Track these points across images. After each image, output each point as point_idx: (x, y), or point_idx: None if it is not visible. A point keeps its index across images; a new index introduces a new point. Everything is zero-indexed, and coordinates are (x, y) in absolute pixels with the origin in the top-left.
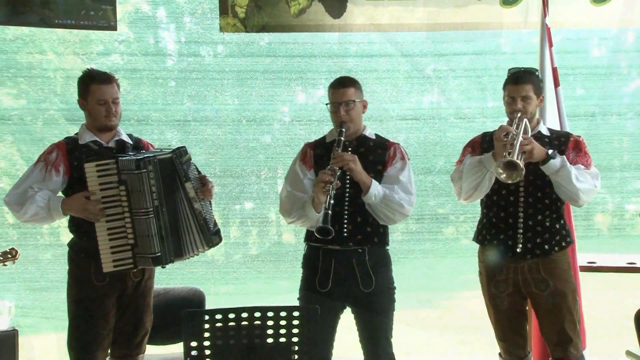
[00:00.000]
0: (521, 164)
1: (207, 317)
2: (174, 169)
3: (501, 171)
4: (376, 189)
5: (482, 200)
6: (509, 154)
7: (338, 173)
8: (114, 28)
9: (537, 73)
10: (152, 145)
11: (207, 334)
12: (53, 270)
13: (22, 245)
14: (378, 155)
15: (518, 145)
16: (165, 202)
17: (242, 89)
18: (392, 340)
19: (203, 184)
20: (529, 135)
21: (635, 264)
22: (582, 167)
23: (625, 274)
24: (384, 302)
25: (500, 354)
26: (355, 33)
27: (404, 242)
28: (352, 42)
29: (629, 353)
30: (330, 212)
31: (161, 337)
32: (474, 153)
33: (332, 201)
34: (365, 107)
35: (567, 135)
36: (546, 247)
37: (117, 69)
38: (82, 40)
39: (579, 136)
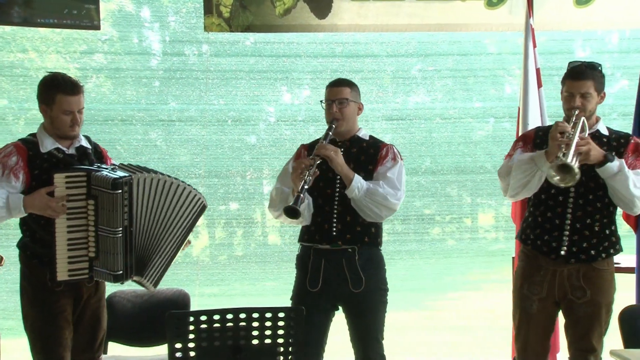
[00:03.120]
0: (576, 168)
1: (191, 319)
2: (197, 217)
3: (554, 173)
4: (359, 182)
5: (529, 197)
6: (564, 155)
7: (318, 162)
8: (97, 27)
9: (599, 68)
10: (106, 154)
11: (191, 336)
12: None
13: (4, 246)
14: (370, 155)
15: (574, 146)
16: (142, 221)
17: (227, 89)
18: (384, 341)
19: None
20: (586, 135)
21: (620, 264)
22: None
23: None
24: (374, 302)
25: None
26: (341, 33)
27: (390, 243)
28: (337, 42)
29: (613, 352)
30: (302, 195)
31: (145, 339)
32: (525, 148)
33: (306, 186)
34: (360, 109)
35: (628, 136)
36: (592, 252)
37: (100, 68)
38: (65, 39)
39: None
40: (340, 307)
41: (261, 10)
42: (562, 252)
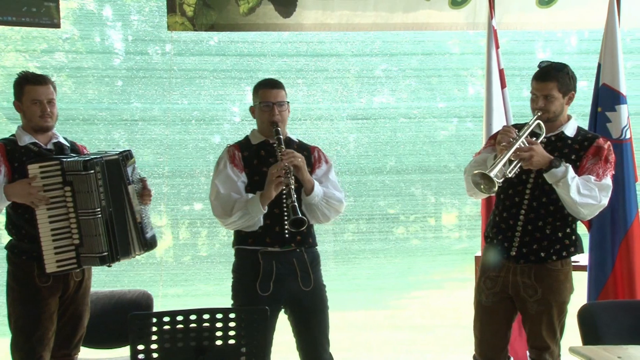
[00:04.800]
0: (496, 180)
1: (154, 320)
2: (120, 171)
3: (479, 180)
4: (318, 187)
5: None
6: (493, 164)
7: (291, 169)
8: (58, 25)
9: (566, 69)
10: (85, 149)
11: (154, 337)
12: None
13: None
14: (305, 157)
15: (510, 152)
16: (112, 202)
17: (191, 88)
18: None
19: (143, 187)
20: (542, 136)
21: (578, 262)
22: (593, 178)
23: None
24: (321, 300)
25: (474, 357)
26: (306, 32)
27: (355, 242)
28: (302, 42)
29: (572, 350)
30: (296, 203)
31: (107, 340)
32: (494, 147)
33: (295, 194)
34: (289, 111)
35: (593, 139)
36: (542, 254)
37: (61, 67)
38: (24, 38)
39: (607, 141)
40: (283, 309)
41: (225, 9)
42: (512, 253)
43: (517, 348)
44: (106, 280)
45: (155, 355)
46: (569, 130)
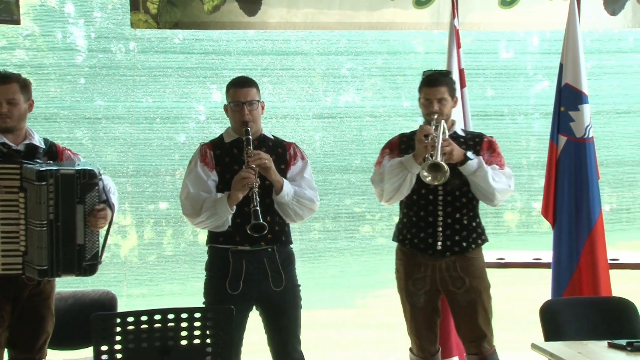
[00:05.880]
0: (445, 165)
1: (118, 320)
2: (72, 187)
3: (426, 174)
4: (288, 186)
5: (401, 200)
6: (432, 156)
7: (257, 171)
8: (17, 22)
9: (450, 75)
10: (70, 150)
11: (118, 338)
12: None
13: None
14: (279, 154)
15: (440, 146)
16: (62, 217)
17: (156, 86)
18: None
19: (98, 210)
20: (447, 136)
21: (541, 259)
22: (497, 167)
23: (533, 270)
24: (293, 299)
25: (411, 349)
26: (271, 31)
27: (321, 241)
28: (267, 40)
29: (534, 346)
30: (258, 208)
31: (70, 341)
32: (392, 154)
33: (258, 198)
34: (263, 108)
35: (481, 136)
36: (464, 244)
37: (22, 64)
38: None
39: (492, 137)
40: (254, 307)
41: (189, 7)
42: (438, 247)
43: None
44: (69, 280)
45: (119, 356)
46: (459, 130)
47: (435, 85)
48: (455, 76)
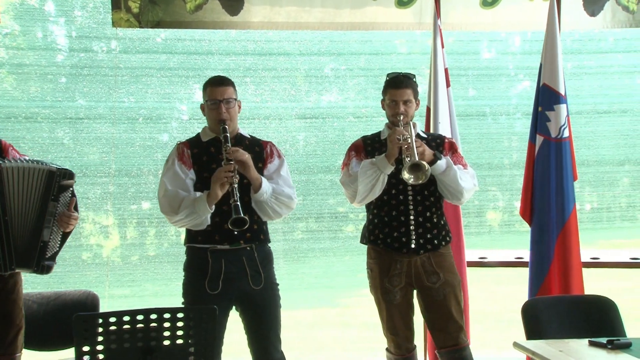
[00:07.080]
0: (426, 164)
1: (100, 321)
2: (52, 184)
3: (408, 175)
4: (266, 184)
5: (370, 202)
6: (410, 156)
7: (236, 167)
8: None
9: (414, 78)
10: (11, 147)
11: (100, 338)
12: None
13: None
14: (256, 153)
15: (414, 147)
16: (16, 211)
17: (138, 86)
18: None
19: (72, 212)
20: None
21: (523, 258)
22: (461, 167)
23: (514, 269)
24: (272, 297)
25: (387, 349)
26: (254, 31)
27: (304, 241)
28: (250, 40)
29: (516, 344)
30: (238, 202)
31: (52, 342)
32: (359, 157)
33: (238, 193)
34: (240, 107)
35: (442, 137)
36: (435, 242)
37: (1, 63)
38: None
39: (451, 138)
40: (234, 306)
41: (171, 6)
42: (412, 245)
43: None
44: (50, 281)
45: (101, 356)
46: (420, 132)
47: (401, 87)
48: (442, 76)
